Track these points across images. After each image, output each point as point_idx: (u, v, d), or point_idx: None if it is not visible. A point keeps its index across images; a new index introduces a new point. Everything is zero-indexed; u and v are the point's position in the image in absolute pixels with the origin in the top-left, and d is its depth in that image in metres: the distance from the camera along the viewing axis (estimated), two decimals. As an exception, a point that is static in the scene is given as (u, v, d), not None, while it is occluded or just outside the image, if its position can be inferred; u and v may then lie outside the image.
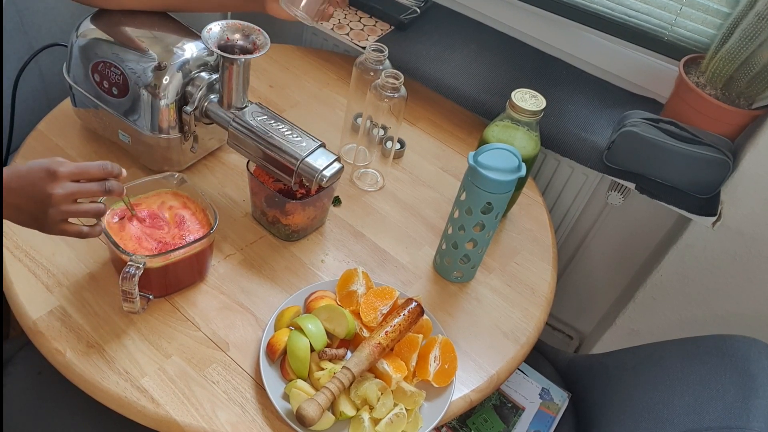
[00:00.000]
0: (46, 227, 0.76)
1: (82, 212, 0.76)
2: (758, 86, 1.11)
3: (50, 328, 0.85)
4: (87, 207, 0.76)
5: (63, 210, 0.74)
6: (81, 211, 0.76)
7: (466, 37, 1.40)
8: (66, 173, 0.74)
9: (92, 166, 0.76)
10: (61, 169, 0.73)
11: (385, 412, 0.80)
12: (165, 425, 0.80)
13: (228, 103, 0.97)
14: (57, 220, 0.75)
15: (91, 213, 0.77)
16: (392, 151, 1.13)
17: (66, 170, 0.74)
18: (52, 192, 0.73)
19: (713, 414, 0.84)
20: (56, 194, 0.73)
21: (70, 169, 0.74)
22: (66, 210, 0.74)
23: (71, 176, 0.74)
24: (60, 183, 0.73)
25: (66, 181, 0.74)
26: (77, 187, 0.75)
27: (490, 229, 0.95)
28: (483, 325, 0.98)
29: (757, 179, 1.10)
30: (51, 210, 0.73)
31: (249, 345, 0.89)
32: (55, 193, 0.73)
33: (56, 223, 0.75)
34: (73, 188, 0.74)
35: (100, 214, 0.78)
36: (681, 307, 1.31)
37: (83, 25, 1.01)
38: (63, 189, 0.73)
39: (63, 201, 0.74)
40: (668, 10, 1.23)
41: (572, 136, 1.21)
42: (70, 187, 0.74)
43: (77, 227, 0.78)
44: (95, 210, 0.77)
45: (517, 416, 1.09)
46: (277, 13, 1.03)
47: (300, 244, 1.03)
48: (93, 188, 0.76)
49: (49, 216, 0.74)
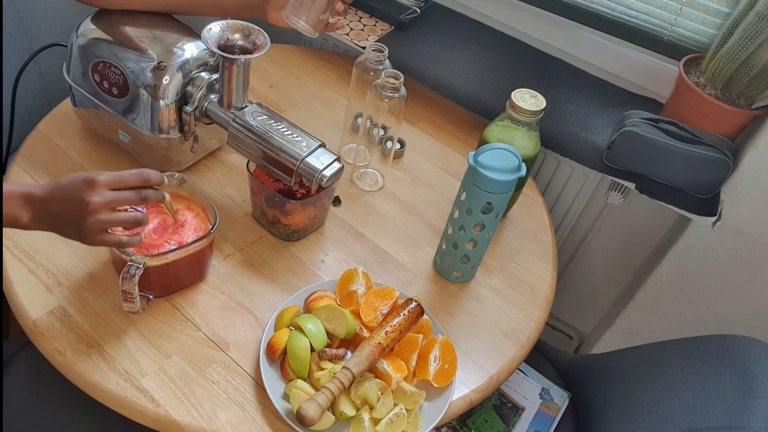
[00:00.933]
0: (86, 237, 0.76)
1: (120, 221, 0.76)
2: (758, 86, 1.11)
3: (50, 328, 0.85)
4: (125, 216, 0.77)
5: (100, 219, 0.74)
6: (119, 220, 0.76)
7: (466, 37, 1.40)
8: (104, 182, 0.74)
9: (130, 174, 0.77)
10: (100, 178, 0.74)
11: (385, 412, 0.80)
12: (165, 425, 0.80)
13: (228, 103, 0.97)
14: (96, 229, 0.75)
15: (130, 222, 0.77)
16: (392, 151, 1.13)
17: (104, 179, 0.74)
18: (90, 200, 0.73)
19: (713, 414, 0.84)
20: (93, 202, 0.73)
21: (108, 178, 0.75)
22: (104, 219, 0.75)
23: (109, 185, 0.75)
24: (98, 191, 0.74)
25: (104, 190, 0.74)
26: (115, 195, 0.75)
27: (490, 229, 0.95)
28: (483, 325, 0.98)
29: (757, 179, 1.10)
30: (89, 219, 0.74)
31: (249, 345, 0.89)
32: (92, 201, 0.73)
33: (95, 232, 0.75)
34: (111, 196, 0.75)
35: (138, 223, 0.78)
36: (681, 307, 1.31)
37: (83, 25, 1.01)
38: (101, 197, 0.74)
39: (101, 209, 0.74)
40: (668, 10, 1.23)
41: (572, 136, 1.21)
42: (108, 196, 0.74)
43: (117, 237, 0.78)
44: (133, 218, 0.78)
45: (517, 416, 1.09)
46: (278, 22, 1.03)
47: (300, 244, 1.03)
48: (130, 196, 0.76)
49: (87, 225, 0.74)
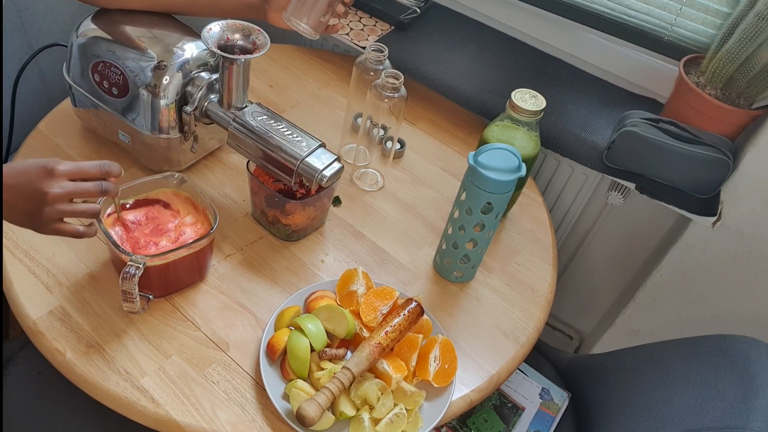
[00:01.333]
0: (41, 226, 0.75)
1: (78, 212, 0.75)
2: (758, 86, 1.11)
3: (50, 328, 0.85)
4: (83, 207, 0.76)
5: (58, 209, 0.73)
6: (77, 211, 0.75)
7: (466, 37, 1.40)
8: (63, 172, 0.73)
9: (90, 165, 0.75)
10: (59, 168, 0.73)
11: (385, 412, 0.80)
12: (165, 425, 0.80)
13: (228, 103, 0.97)
14: (52, 218, 0.74)
15: (87, 213, 0.76)
16: (392, 151, 1.13)
17: (63, 169, 0.73)
18: (48, 190, 0.72)
19: (713, 414, 0.84)
20: (52, 192, 0.72)
21: (68, 168, 0.74)
22: (61, 209, 0.74)
23: (68, 175, 0.74)
24: (57, 181, 0.73)
25: (63, 180, 0.73)
26: (73, 186, 0.74)
27: (490, 229, 0.95)
28: (483, 325, 0.98)
29: (757, 179, 1.10)
30: (46, 208, 0.73)
31: (249, 345, 0.89)
32: (51, 191, 0.72)
33: (51, 222, 0.74)
34: (70, 187, 0.73)
35: (95, 215, 0.77)
36: (681, 307, 1.31)
37: (83, 25, 1.01)
38: (59, 188, 0.73)
39: (58, 200, 0.73)
40: (668, 10, 1.23)
41: (572, 136, 1.21)
42: (67, 186, 0.73)
43: (73, 227, 0.77)
44: (91, 210, 0.77)
45: (517, 416, 1.09)
46: (279, 24, 1.03)
47: (300, 244, 1.03)
48: (89, 188, 0.75)
49: (44, 214, 0.73)
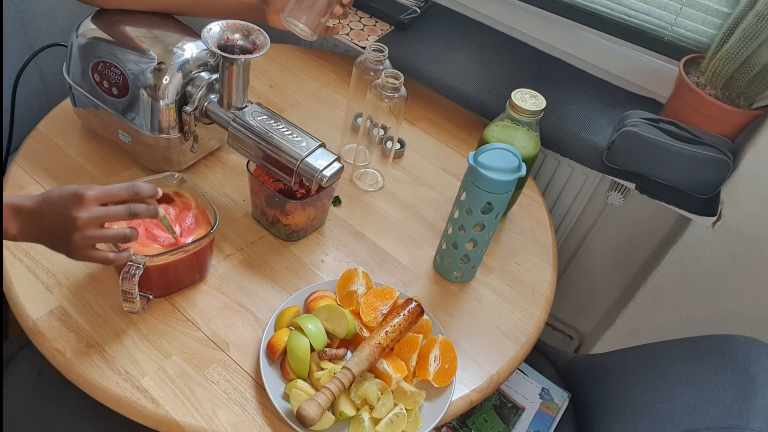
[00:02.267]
0: (72, 252, 0.74)
1: (108, 238, 0.75)
2: (758, 86, 1.11)
3: (50, 328, 0.85)
4: (113, 232, 0.75)
5: (88, 235, 0.73)
6: (106, 236, 0.75)
7: (466, 37, 1.40)
8: (93, 197, 0.72)
9: (120, 188, 0.75)
10: (89, 193, 0.72)
11: (385, 412, 0.80)
12: (165, 425, 0.80)
13: (228, 103, 0.97)
14: (83, 245, 0.73)
15: (118, 238, 0.76)
16: (392, 151, 1.13)
17: (92, 194, 0.72)
18: (77, 215, 0.71)
19: (713, 414, 0.84)
20: (81, 218, 0.72)
21: (98, 192, 0.73)
22: (91, 235, 0.73)
23: (98, 200, 0.73)
24: (86, 207, 0.72)
25: (93, 205, 0.73)
26: (103, 212, 0.73)
27: (490, 229, 0.95)
28: (483, 325, 0.98)
29: (757, 179, 1.10)
30: (76, 234, 0.72)
31: (249, 345, 0.89)
32: (80, 216, 0.71)
33: (82, 248, 0.74)
34: (99, 212, 0.73)
35: (126, 240, 0.76)
36: (681, 307, 1.31)
37: (83, 25, 1.01)
38: (89, 213, 0.72)
39: (87, 225, 0.72)
40: (668, 10, 1.23)
41: (572, 136, 1.21)
42: (96, 212, 0.73)
43: (103, 254, 0.76)
44: (121, 235, 0.76)
45: (517, 416, 1.09)
46: (278, 25, 1.04)
47: (300, 244, 1.03)
48: (119, 211, 0.74)
49: (74, 240, 0.73)
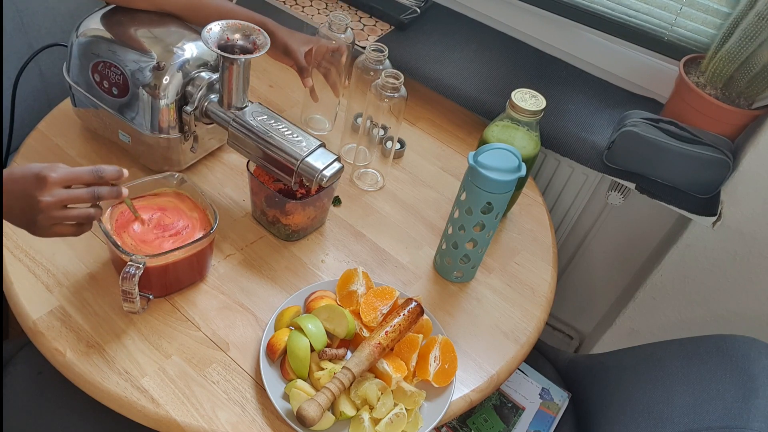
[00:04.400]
0: (35, 231, 0.75)
1: (71, 217, 0.75)
2: (758, 86, 1.11)
3: (50, 328, 0.85)
4: (76, 213, 0.76)
5: (51, 215, 0.73)
6: (70, 216, 0.75)
7: (466, 37, 1.40)
8: (56, 179, 0.73)
9: (84, 171, 0.75)
10: (52, 175, 0.73)
11: (385, 412, 0.80)
12: (165, 425, 0.80)
13: (228, 103, 0.97)
14: (46, 225, 0.74)
15: (82, 218, 0.76)
16: (392, 151, 1.13)
17: (57, 176, 0.73)
18: (41, 198, 0.72)
19: (713, 414, 0.84)
20: (44, 201, 0.72)
21: (61, 174, 0.73)
22: (54, 216, 0.74)
23: (62, 182, 0.73)
24: (49, 189, 0.72)
25: (56, 188, 0.73)
26: (66, 194, 0.74)
27: (490, 229, 0.95)
28: (483, 325, 0.98)
29: (757, 179, 1.10)
30: (40, 216, 0.73)
31: (249, 345, 0.89)
32: (43, 199, 0.72)
33: (45, 228, 0.75)
34: (62, 195, 0.73)
35: (90, 219, 0.77)
36: (681, 307, 1.31)
37: (83, 25, 1.01)
38: (51, 196, 0.72)
39: (51, 208, 0.73)
40: (668, 10, 1.23)
41: (572, 136, 1.21)
42: (59, 194, 0.73)
43: (69, 228, 0.77)
44: (85, 215, 0.76)
45: (517, 416, 1.09)
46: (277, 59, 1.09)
47: (300, 244, 1.03)
48: (82, 194, 0.75)
49: (38, 222, 0.73)
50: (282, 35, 1.06)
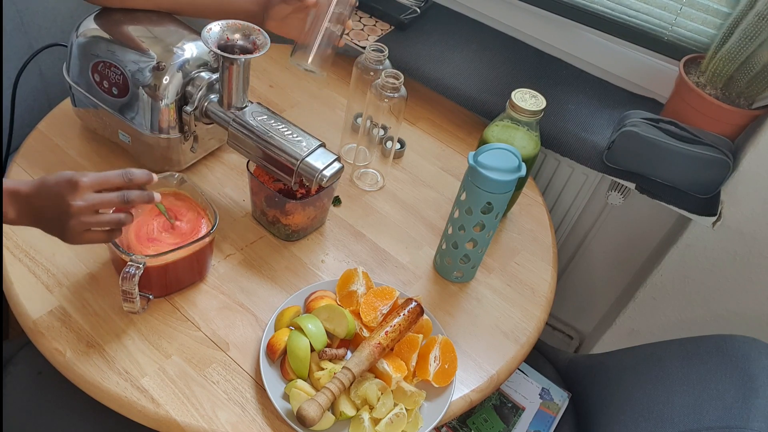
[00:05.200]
0: (67, 237, 0.76)
1: (103, 222, 0.76)
2: (758, 86, 1.11)
3: (50, 328, 0.85)
4: (107, 218, 0.76)
5: (83, 221, 0.74)
6: (101, 221, 0.76)
7: (466, 37, 1.40)
8: (87, 183, 0.74)
9: (114, 174, 0.76)
10: (83, 180, 0.73)
11: (385, 412, 0.80)
12: (165, 425, 0.80)
13: (228, 103, 0.97)
14: (78, 230, 0.75)
15: (112, 223, 0.77)
16: (392, 151, 1.13)
17: (87, 181, 0.74)
18: (72, 203, 0.73)
19: (713, 414, 0.84)
20: (75, 205, 0.73)
21: (92, 178, 0.74)
22: (86, 221, 0.74)
23: (92, 186, 0.74)
24: (81, 194, 0.73)
25: (87, 192, 0.74)
26: (98, 198, 0.74)
27: (490, 229, 0.95)
28: (483, 325, 0.98)
29: (757, 179, 1.10)
30: (71, 221, 0.74)
31: (249, 345, 0.89)
32: (74, 204, 0.73)
33: (77, 234, 0.75)
34: (93, 199, 0.74)
35: (121, 224, 0.78)
36: (681, 307, 1.31)
37: (83, 25, 1.01)
38: (83, 200, 0.73)
39: (83, 212, 0.74)
40: (668, 10, 1.23)
41: (572, 136, 1.21)
42: (91, 199, 0.74)
43: (100, 235, 0.77)
44: (116, 220, 0.77)
45: (518, 416, 1.09)
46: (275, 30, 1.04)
47: (300, 244, 1.03)
48: (113, 198, 0.75)
49: (70, 227, 0.74)
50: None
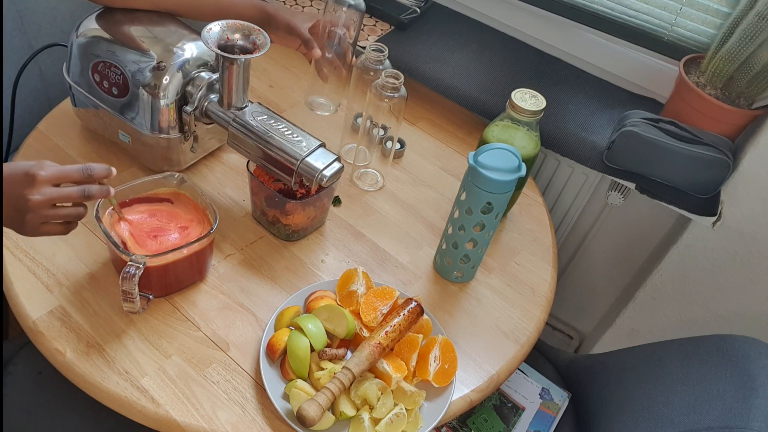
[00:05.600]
0: (26, 231, 0.75)
1: (61, 216, 0.75)
2: (758, 86, 1.11)
3: (50, 328, 0.85)
4: (66, 211, 0.75)
5: (41, 214, 0.73)
6: (59, 215, 0.75)
7: (466, 37, 1.40)
8: (45, 178, 0.72)
9: (73, 169, 0.74)
10: (41, 173, 0.72)
11: (385, 412, 0.80)
12: (165, 425, 0.80)
13: (228, 103, 0.97)
14: (35, 224, 0.74)
15: (71, 216, 0.76)
16: (392, 151, 1.13)
17: (46, 174, 0.72)
18: (30, 197, 0.71)
19: (713, 414, 0.84)
20: (33, 199, 0.71)
21: (51, 173, 0.73)
22: (44, 214, 0.73)
23: (51, 180, 0.73)
24: (38, 188, 0.72)
25: (45, 186, 0.72)
26: (55, 193, 0.73)
27: (490, 229, 0.95)
28: (483, 325, 0.98)
29: (757, 179, 1.10)
30: (29, 215, 0.72)
31: (249, 345, 0.89)
32: (32, 198, 0.71)
33: (34, 227, 0.74)
34: (51, 193, 0.73)
35: (79, 217, 0.77)
36: (681, 307, 1.31)
37: (83, 25, 1.01)
38: (41, 195, 0.72)
39: (41, 206, 0.72)
40: (668, 10, 1.23)
41: (572, 136, 1.21)
42: (49, 193, 0.72)
43: (57, 227, 0.76)
44: (75, 214, 0.76)
45: (517, 416, 1.09)
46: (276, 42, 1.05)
47: (300, 244, 1.03)
48: (71, 193, 0.74)
49: (27, 221, 0.73)
50: (283, 15, 1.03)
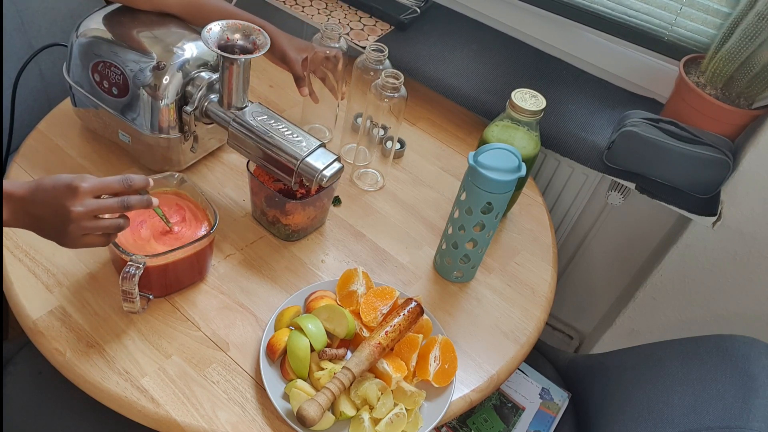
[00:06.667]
0: (67, 242, 0.76)
1: (102, 227, 0.76)
2: (758, 86, 1.11)
3: (50, 328, 0.85)
4: (106, 223, 0.77)
5: (82, 226, 0.74)
6: (101, 226, 0.76)
7: (466, 37, 1.40)
8: (87, 189, 0.74)
9: (113, 181, 0.76)
10: (83, 185, 0.74)
11: (385, 412, 0.80)
12: (165, 425, 0.80)
13: (228, 103, 0.97)
14: (77, 235, 0.75)
15: (112, 228, 0.77)
16: (392, 151, 1.13)
17: (88, 186, 0.74)
18: (72, 209, 0.73)
19: (713, 414, 0.84)
20: (75, 211, 0.73)
21: (92, 184, 0.75)
22: (85, 226, 0.75)
23: (92, 192, 0.75)
24: (80, 200, 0.74)
25: (87, 198, 0.74)
26: (97, 204, 0.75)
27: (490, 229, 0.95)
28: (483, 325, 0.98)
29: (757, 179, 1.10)
30: (71, 226, 0.74)
31: (249, 345, 0.89)
32: (74, 209, 0.73)
33: (76, 237, 0.75)
34: (93, 205, 0.74)
35: (120, 228, 0.78)
36: (681, 307, 1.31)
37: (83, 25, 1.01)
38: (83, 206, 0.74)
39: (83, 218, 0.74)
40: (668, 10, 1.23)
41: (572, 136, 1.21)
42: (90, 204, 0.74)
43: (98, 239, 0.78)
44: (115, 225, 0.77)
45: (517, 416, 1.09)
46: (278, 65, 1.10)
47: (300, 244, 1.03)
48: (112, 204, 0.76)
49: (69, 232, 0.74)
50: (280, 42, 1.06)
